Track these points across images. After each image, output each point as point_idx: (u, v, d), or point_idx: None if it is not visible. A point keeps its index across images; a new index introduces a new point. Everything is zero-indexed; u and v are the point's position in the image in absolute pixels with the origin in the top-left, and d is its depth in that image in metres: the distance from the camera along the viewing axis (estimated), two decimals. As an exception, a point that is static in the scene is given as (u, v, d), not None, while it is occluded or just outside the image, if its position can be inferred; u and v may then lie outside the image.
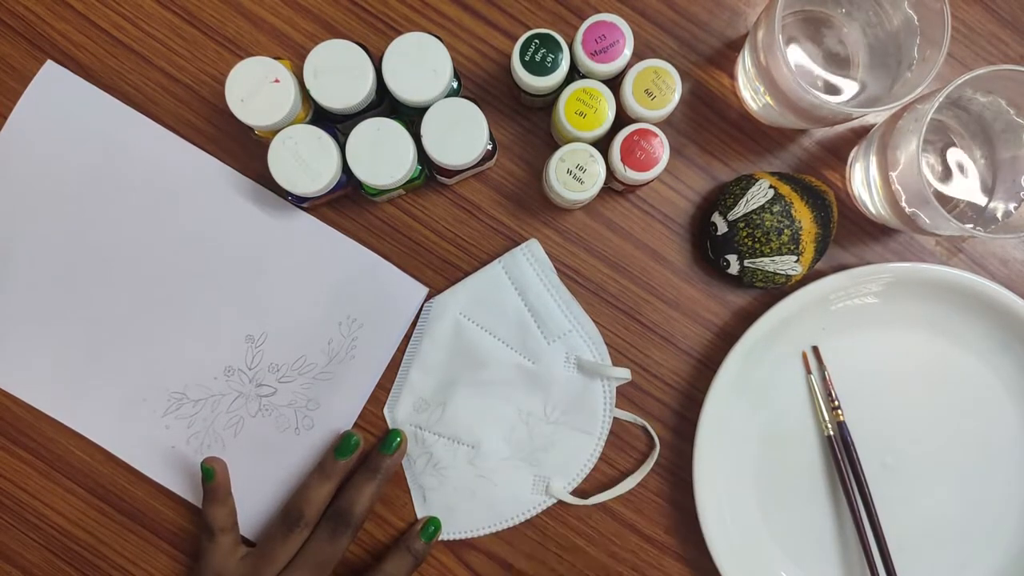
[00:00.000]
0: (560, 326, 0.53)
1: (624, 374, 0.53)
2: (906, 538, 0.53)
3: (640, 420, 0.54)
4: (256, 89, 0.45)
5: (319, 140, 0.46)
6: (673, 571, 0.55)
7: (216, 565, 0.50)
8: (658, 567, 0.55)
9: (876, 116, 0.53)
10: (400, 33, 0.46)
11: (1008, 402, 0.53)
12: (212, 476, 0.51)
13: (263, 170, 0.47)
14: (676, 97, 0.47)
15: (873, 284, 0.52)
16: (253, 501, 0.53)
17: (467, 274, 0.53)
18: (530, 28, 0.48)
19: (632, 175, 0.47)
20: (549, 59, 0.46)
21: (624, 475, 0.54)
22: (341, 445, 0.52)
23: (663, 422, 0.54)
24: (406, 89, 0.45)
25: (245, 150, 0.53)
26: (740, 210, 0.50)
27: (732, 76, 0.53)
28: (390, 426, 0.54)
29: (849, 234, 0.54)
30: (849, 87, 0.49)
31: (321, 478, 0.51)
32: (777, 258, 0.50)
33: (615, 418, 0.54)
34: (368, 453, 0.53)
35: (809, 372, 0.53)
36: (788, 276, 0.51)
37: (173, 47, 0.53)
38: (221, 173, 0.53)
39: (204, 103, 0.53)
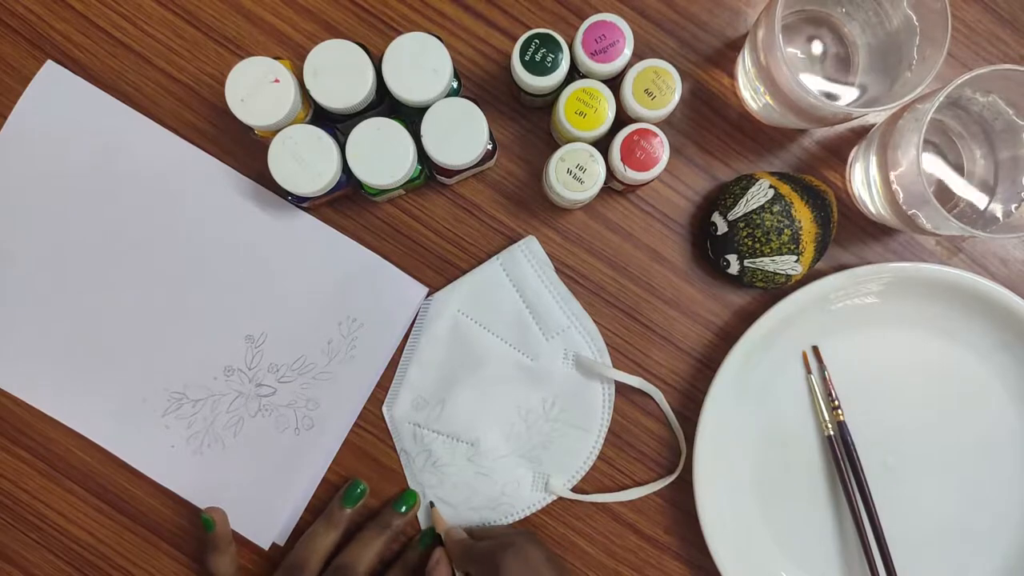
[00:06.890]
0: (558, 322, 0.53)
1: (628, 379, 0.52)
2: (906, 538, 0.53)
3: (681, 434, 0.53)
4: (256, 89, 0.45)
5: (319, 140, 0.46)
6: (673, 571, 0.55)
7: None
8: (658, 567, 0.55)
9: (876, 116, 0.53)
10: (400, 33, 0.46)
11: (1008, 402, 0.53)
12: (212, 526, 0.51)
13: (263, 170, 0.47)
14: (676, 97, 0.47)
15: (873, 284, 0.52)
16: (252, 502, 0.53)
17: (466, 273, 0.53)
18: (530, 28, 0.48)
19: (632, 175, 0.47)
20: (549, 59, 0.46)
21: (624, 475, 0.54)
22: (347, 493, 0.52)
23: (663, 422, 0.54)
24: (406, 89, 0.45)
25: (245, 150, 0.53)
26: (740, 210, 0.50)
27: (732, 76, 0.53)
28: (388, 424, 0.54)
29: (849, 234, 0.54)
30: (849, 87, 0.49)
31: (327, 527, 0.51)
32: (777, 258, 0.50)
33: (615, 418, 0.54)
34: (379, 509, 0.53)
35: (809, 372, 0.53)
36: (788, 276, 0.51)
37: (173, 47, 0.53)
38: (221, 173, 0.53)
39: (204, 103, 0.53)
